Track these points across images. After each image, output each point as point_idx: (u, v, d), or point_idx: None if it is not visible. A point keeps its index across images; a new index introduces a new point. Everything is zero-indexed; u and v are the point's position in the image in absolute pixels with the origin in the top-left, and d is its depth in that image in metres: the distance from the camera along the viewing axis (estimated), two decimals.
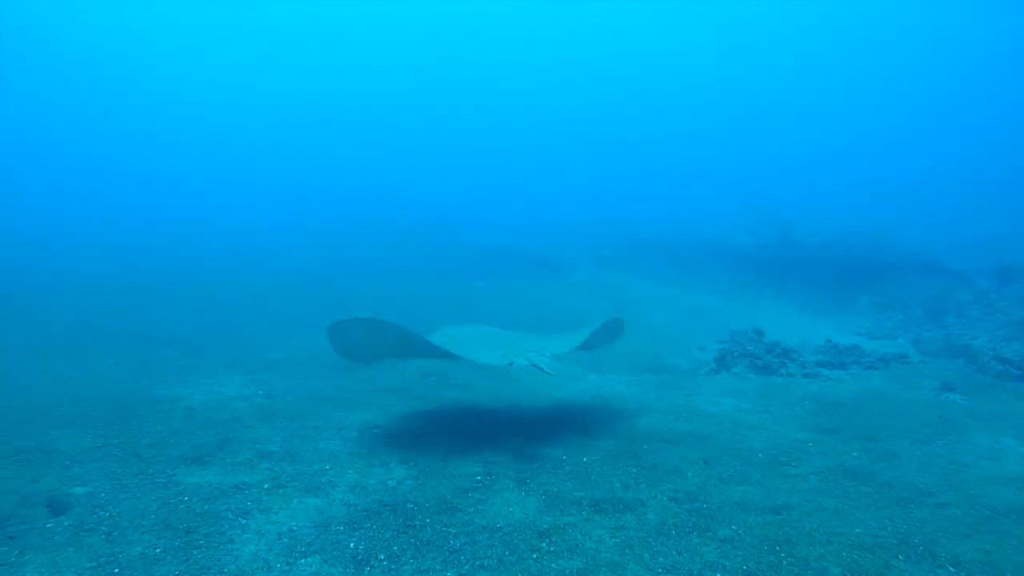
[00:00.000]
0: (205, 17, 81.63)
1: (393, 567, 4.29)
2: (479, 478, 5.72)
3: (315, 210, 42.79)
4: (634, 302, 18.55)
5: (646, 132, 78.14)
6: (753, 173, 63.85)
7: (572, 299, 18.69)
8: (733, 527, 4.91)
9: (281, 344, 11.59)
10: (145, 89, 77.10)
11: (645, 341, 13.02)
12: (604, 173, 64.60)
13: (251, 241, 31.80)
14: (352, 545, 4.51)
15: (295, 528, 4.73)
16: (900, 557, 4.53)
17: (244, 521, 4.81)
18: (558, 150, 73.99)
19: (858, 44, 77.15)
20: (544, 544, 4.60)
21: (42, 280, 18.76)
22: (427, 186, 54.79)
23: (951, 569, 4.42)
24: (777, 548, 4.59)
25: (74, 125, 68.61)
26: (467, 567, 4.31)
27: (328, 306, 15.79)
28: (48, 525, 4.70)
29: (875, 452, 6.64)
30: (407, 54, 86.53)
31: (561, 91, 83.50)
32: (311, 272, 22.93)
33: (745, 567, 4.36)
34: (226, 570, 4.18)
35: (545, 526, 4.85)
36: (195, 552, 4.37)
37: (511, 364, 6.67)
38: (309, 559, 4.33)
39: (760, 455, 6.54)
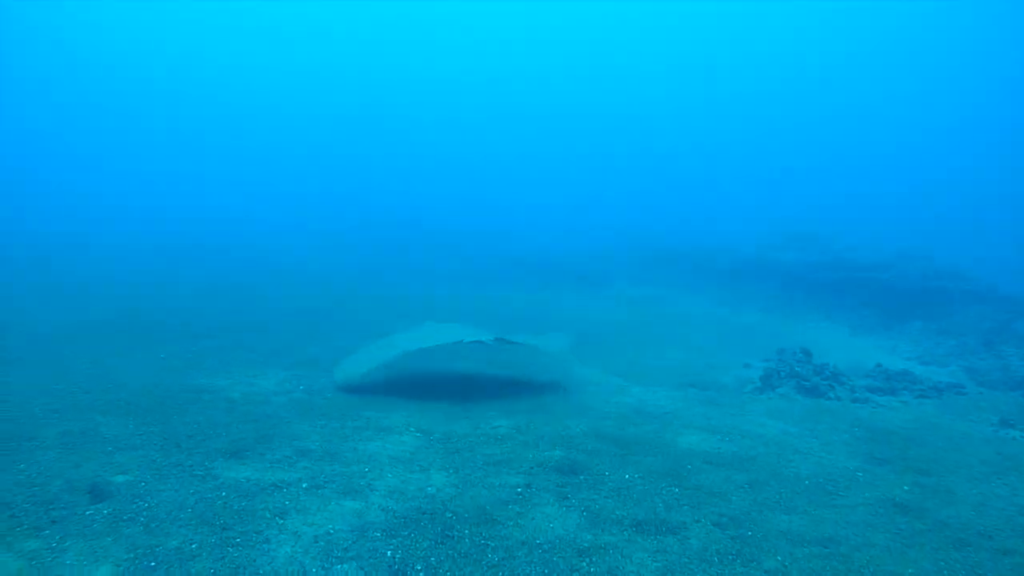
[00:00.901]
0: (217, 17, 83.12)
1: None
2: (520, 490, 5.60)
3: (330, 210, 43.57)
4: (678, 317, 18.33)
5: (677, 140, 77.64)
6: (788, 183, 63.13)
7: (613, 313, 18.52)
8: (779, 558, 4.71)
9: (319, 341, 11.64)
10: (170, 92, 78.97)
11: (690, 356, 12.84)
12: (634, 182, 64.41)
13: (278, 240, 32.39)
14: (389, 553, 4.42)
15: (332, 532, 4.66)
16: None
17: (281, 521, 4.76)
18: (584, 157, 73.96)
19: (893, 48, 74.97)
20: (584, 564, 4.46)
21: (87, 274, 19.19)
22: (447, 191, 55.33)
23: None
24: None
25: (105, 131, 70.50)
26: None
27: (351, 305, 15.92)
28: (88, 512, 4.70)
29: (928, 487, 6.35)
30: (425, 57, 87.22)
31: (589, 98, 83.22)
32: (334, 271, 23.24)
33: None
34: (261, 571, 4.11)
35: (585, 544, 4.72)
36: (231, 550, 4.32)
37: (461, 341, 8.69)
38: (345, 565, 4.24)
39: (807, 482, 6.31)
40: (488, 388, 9.33)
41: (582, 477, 6.01)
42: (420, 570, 4.26)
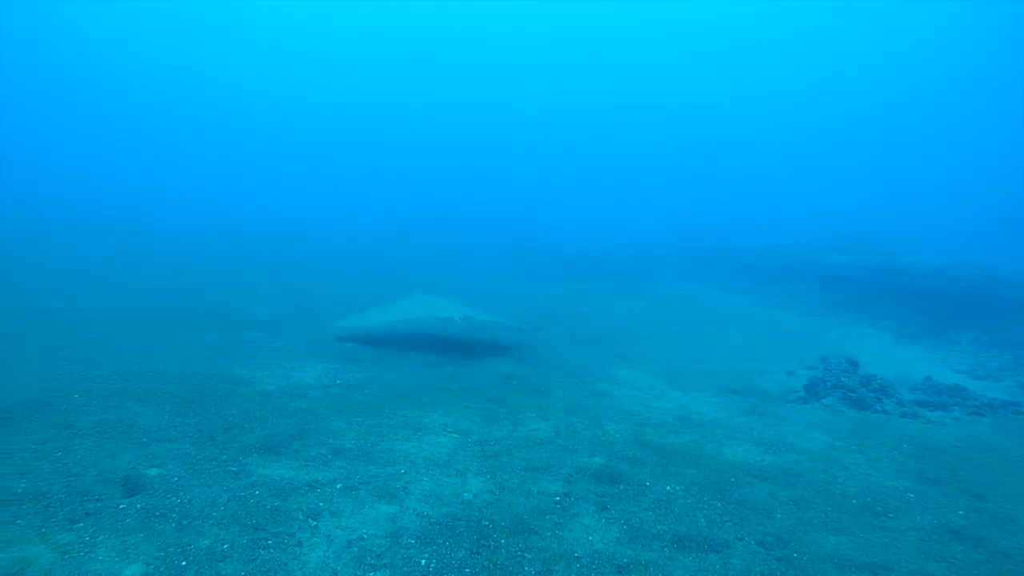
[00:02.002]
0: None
1: None
2: (558, 499, 5.43)
3: (375, 204, 43.87)
4: (720, 317, 17.97)
5: (722, 138, 76.66)
6: (836, 182, 61.85)
7: (654, 311, 18.24)
8: None
9: (358, 334, 11.57)
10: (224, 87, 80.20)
11: (732, 359, 12.54)
12: (677, 180, 63.78)
13: (315, 230, 32.63)
14: (423, 562, 4.28)
15: (365, 536, 4.54)
16: None
17: (314, 523, 4.65)
18: (627, 156, 73.47)
19: (936, 43, 72.46)
20: None
21: (133, 260, 19.45)
22: (491, 187, 55.28)
23: None
24: None
25: (171, 124, 71.81)
26: None
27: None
28: (122, 506, 4.64)
29: (986, 513, 5.99)
30: (470, 52, 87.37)
31: (635, 96, 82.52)
32: (380, 264, 23.26)
33: None
34: None
35: (625, 560, 4.53)
36: (262, 552, 4.22)
37: (435, 317, 11.12)
38: (378, 574, 4.12)
39: (854, 501, 6.01)
40: (526, 386, 9.13)
41: (622, 487, 5.82)
42: None
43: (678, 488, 5.91)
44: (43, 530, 4.26)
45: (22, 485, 4.81)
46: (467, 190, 53.13)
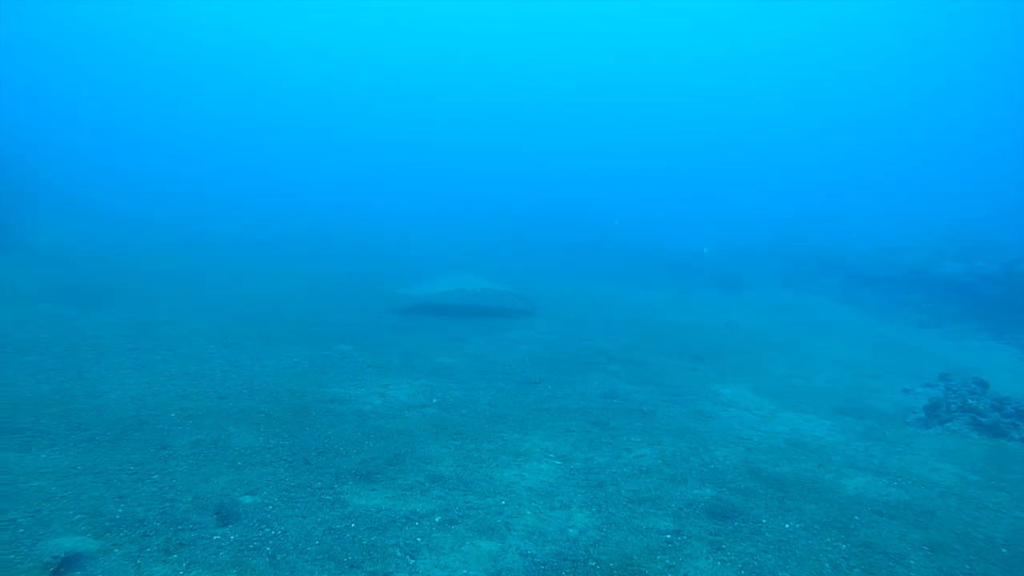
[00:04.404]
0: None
1: None
2: (668, 536, 5.00)
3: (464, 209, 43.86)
4: (825, 327, 17.09)
5: (828, 130, 73.89)
6: (947, 177, 58.61)
7: (756, 320, 17.50)
8: None
9: (452, 347, 11.38)
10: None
11: (842, 375, 11.80)
12: (776, 175, 61.80)
13: (408, 233, 32.86)
14: None
15: None
16: None
17: (412, 561, 4.37)
18: (725, 150, 71.64)
19: None
20: None
21: (220, 267, 19.87)
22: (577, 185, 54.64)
23: None
24: None
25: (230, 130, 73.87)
26: None
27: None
28: (215, 536, 4.47)
29: None
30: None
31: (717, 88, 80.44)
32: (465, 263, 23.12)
33: None
34: None
35: None
36: None
37: (464, 289, 14.52)
38: None
39: (1004, 551, 5.25)
40: (628, 406, 8.70)
41: (736, 523, 5.34)
42: None
43: (797, 526, 5.39)
44: (139, 561, 4.12)
45: (120, 510, 4.71)
46: (561, 192, 52.45)
